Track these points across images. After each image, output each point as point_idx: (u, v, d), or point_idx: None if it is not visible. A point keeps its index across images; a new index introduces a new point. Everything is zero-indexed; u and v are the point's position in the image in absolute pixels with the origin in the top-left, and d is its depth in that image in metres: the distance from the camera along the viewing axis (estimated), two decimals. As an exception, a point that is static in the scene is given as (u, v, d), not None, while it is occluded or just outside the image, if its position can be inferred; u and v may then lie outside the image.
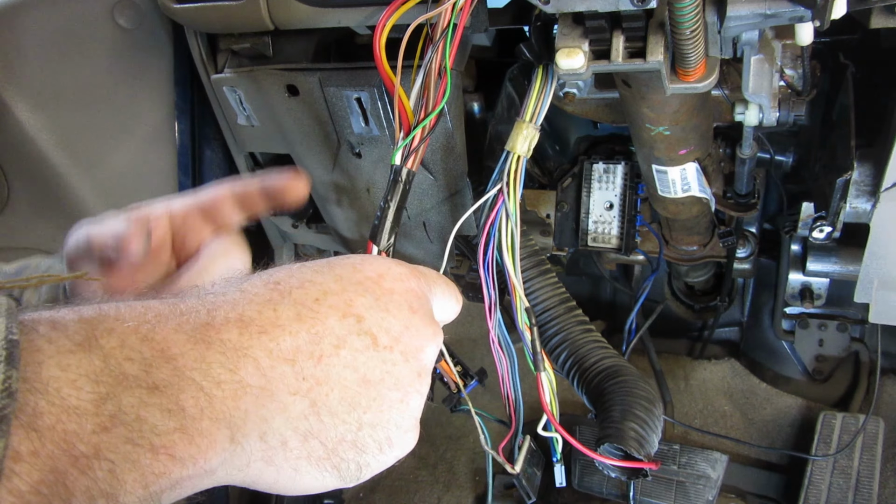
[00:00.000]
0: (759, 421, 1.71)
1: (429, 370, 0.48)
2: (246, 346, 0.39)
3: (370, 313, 0.45)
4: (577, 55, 0.66)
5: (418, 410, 0.47)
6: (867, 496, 1.44)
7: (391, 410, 0.45)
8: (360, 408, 0.43)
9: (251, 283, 0.43)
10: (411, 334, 0.46)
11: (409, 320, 0.47)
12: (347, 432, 0.43)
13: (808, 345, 1.68)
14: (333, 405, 0.42)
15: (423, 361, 0.47)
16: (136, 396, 0.34)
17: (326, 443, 0.42)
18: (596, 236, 1.41)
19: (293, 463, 0.41)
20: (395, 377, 0.45)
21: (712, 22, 0.63)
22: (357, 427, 0.43)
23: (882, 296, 1.01)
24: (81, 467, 0.31)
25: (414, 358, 0.46)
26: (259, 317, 0.40)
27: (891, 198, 0.93)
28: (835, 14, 0.59)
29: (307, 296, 0.43)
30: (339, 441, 0.43)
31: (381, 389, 0.44)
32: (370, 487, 1.86)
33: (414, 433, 0.48)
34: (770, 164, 1.34)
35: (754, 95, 0.80)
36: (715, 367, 1.83)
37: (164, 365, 0.35)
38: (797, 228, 1.14)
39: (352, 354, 0.43)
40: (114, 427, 0.33)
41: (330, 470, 0.43)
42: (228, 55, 1.16)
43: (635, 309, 1.51)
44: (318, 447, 0.42)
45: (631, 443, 0.85)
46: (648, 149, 1.01)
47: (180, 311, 0.39)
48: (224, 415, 0.37)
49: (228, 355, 0.38)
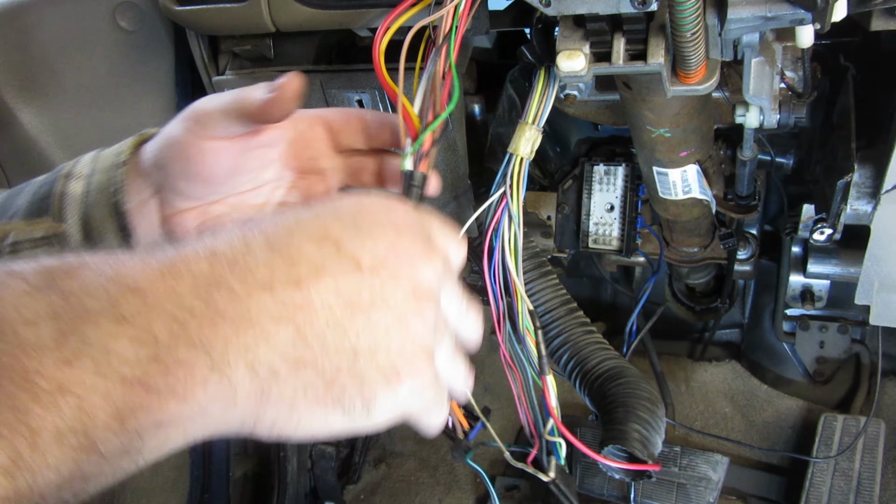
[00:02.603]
0: (760, 423, 1.71)
1: (430, 292, 0.44)
2: (218, 276, 0.37)
3: (350, 238, 0.41)
4: (577, 57, 0.66)
5: (424, 337, 0.43)
6: (868, 498, 1.44)
7: (389, 336, 0.41)
8: (351, 333, 0.40)
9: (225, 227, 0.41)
10: (400, 254, 0.43)
11: (395, 241, 0.43)
12: (343, 360, 0.40)
13: (808, 347, 1.68)
14: (321, 330, 0.39)
15: (418, 282, 0.43)
16: (101, 328, 0.32)
17: (322, 372, 0.39)
18: (597, 238, 1.41)
19: (289, 398, 0.39)
20: (385, 300, 0.41)
21: (713, 24, 0.63)
22: (353, 354, 0.40)
23: (883, 298, 1.01)
24: (45, 404, 0.30)
25: (406, 279, 0.42)
26: (230, 249, 0.38)
27: (891, 200, 0.93)
28: (835, 17, 0.60)
29: (279, 228, 0.41)
30: (337, 370, 0.40)
31: (372, 314, 0.41)
32: (371, 489, 1.86)
33: (424, 362, 0.43)
34: (771, 166, 1.34)
35: (755, 97, 0.80)
36: (716, 369, 1.83)
37: (132, 298, 0.34)
38: (798, 230, 1.14)
39: (333, 279, 0.40)
40: (78, 361, 0.31)
41: (332, 405, 0.40)
42: (230, 57, 1.16)
43: (636, 311, 1.51)
44: (314, 377, 0.39)
45: (634, 444, 0.85)
46: (649, 151, 1.01)
47: (147, 252, 0.37)
48: (201, 342, 0.35)
49: (200, 285, 0.36)
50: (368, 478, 1.88)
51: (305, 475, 1.73)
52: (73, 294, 0.33)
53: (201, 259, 0.37)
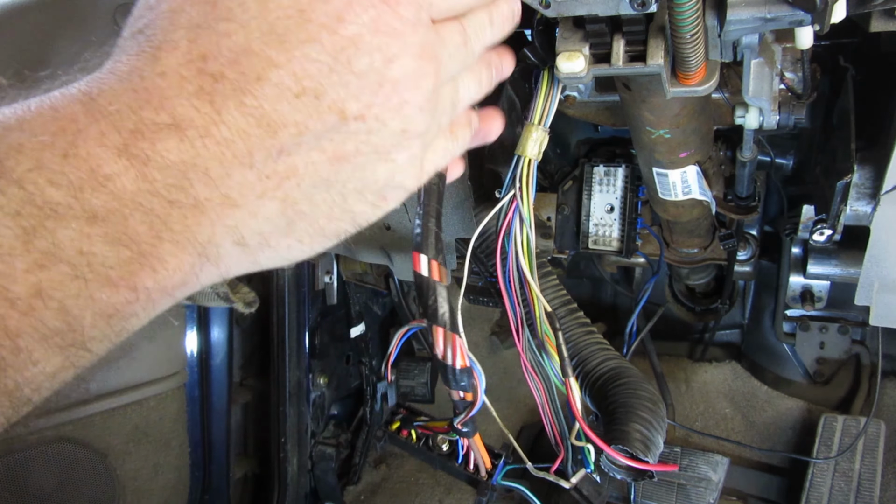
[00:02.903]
0: (760, 423, 1.71)
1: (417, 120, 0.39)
2: (190, 158, 0.32)
3: (330, 83, 0.35)
4: (577, 59, 0.66)
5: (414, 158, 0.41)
6: (868, 499, 1.44)
7: (374, 173, 0.39)
8: (338, 184, 0.38)
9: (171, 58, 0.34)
10: (387, 91, 0.37)
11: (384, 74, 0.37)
12: (333, 207, 0.39)
13: (808, 347, 1.68)
14: (307, 191, 0.37)
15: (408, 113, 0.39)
16: (72, 230, 0.30)
17: (314, 223, 0.39)
18: (597, 239, 1.41)
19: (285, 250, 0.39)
20: (372, 146, 0.38)
21: (712, 26, 0.63)
22: (342, 199, 0.39)
23: (882, 298, 1.01)
24: (21, 309, 0.29)
25: (395, 116, 0.38)
26: (197, 115, 0.33)
27: (891, 201, 0.93)
28: (834, 18, 0.60)
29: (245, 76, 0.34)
30: (328, 217, 0.39)
31: (360, 159, 0.38)
32: (371, 490, 1.86)
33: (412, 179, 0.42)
34: (770, 167, 1.34)
35: (754, 98, 0.80)
36: (716, 370, 1.83)
37: (99, 189, 0.30)
38: (798, 231, 1.14)
39: (316, 139, 0.36)
40: (52, 264, 0.29)
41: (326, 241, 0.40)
42: (230, 58, 1.16)
43: (636, 311, 1.51)
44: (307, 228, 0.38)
45: (636, 444, 0.85)
46: (649, 152, 1.01)
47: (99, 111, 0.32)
48: (186, 236, 0.33)
49: (173, 171, 0.32)
50: (368, 479, 1.88)
51: (305, 476, 1.73)
52: (28, 182, 0.29)
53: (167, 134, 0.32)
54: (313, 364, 1.70)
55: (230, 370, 1.62)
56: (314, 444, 1.74)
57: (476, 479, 0.77)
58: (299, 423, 1.68)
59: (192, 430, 1.56)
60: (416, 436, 0.88)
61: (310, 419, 1.70)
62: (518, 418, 1.77)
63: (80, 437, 1.36)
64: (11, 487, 1.27)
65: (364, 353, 1.85)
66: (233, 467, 1.65)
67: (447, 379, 0.60)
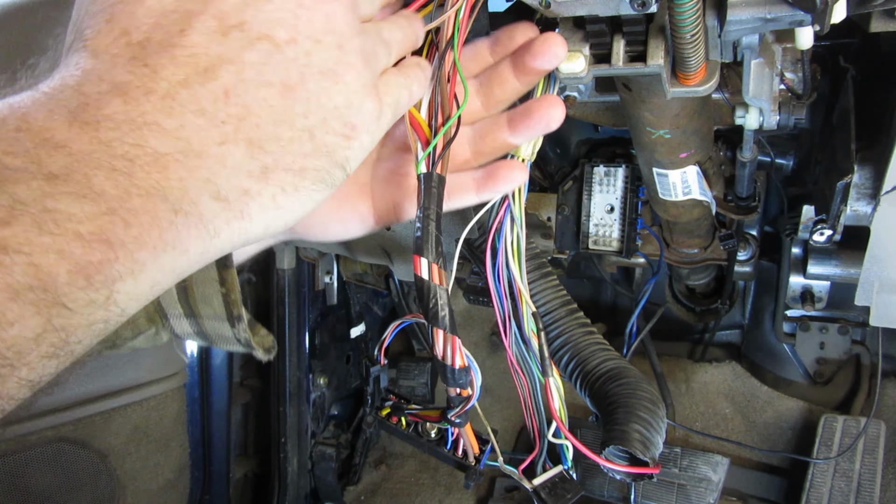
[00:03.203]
0: (761, 424, 1.71)
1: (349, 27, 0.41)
2: (138, 115, 0.33)
3: (251, 13, 0.37)
4: (577, 59, 0.66)
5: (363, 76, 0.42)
6: (868, 499, 1.44)
7: (330, 99, 0.40)
8: (299, 118, 0.38)
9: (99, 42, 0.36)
10: (309, 10, 0.39)
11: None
12: (303, 145, 0.39)
13: (809, 348, 1.68)
14: (270, 130, 0.37)
15: (336, 31, 0.40)
16: (33, 188, 0.30)
17: (291, 166, 0.38)
18: (597, 239, 1.41)
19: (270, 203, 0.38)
20: (316, 68, 0.39)
21: (713, 26, 0.63)
22: (309, 136, 0.39)
23: (883, 299, 1.01)
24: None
25: (326, 34, 0.39)
26: (134, 77, 0.34)
27: (891, 201, 0.93)
28: (835, 18, 0.60)
29: (169, 33, 0.35)
30: (304, 157, 0.39)
31: (308, 86, 0.39)
32: (371, 490, 1.86)
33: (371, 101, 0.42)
34: (771, 167, 1.34)
35: (755, 99, 0.80)
36: (716, 370, 1.83)
37: (56, 153, 0.31)
38: (798, 231, 1.14)
39: (256, 70, 0.37)
40: (15, 221, 0.30)
41: (312, 184, 0.40)
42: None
43: (636, 312, 1.51)
44: (285, 175, 0.38)
45: (636, 444, 0.85)
46: (649, 152, 1.01)
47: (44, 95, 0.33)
48: (155, 189, 0.33)
49: (124, 130, 0.33)
50: (369, 479, 1.88)
51: (306, 476, 1.73)
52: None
53: (110, 98, 0.33)
54: (313, 364, 1.70)
55: (230, 370, 1.62)
56: (314, 444, 1.74)
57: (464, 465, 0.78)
58: (299, 424, 1.68)
59: (192, 431, 1.56)
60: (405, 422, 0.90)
61: (310, 419, 1.70)
62: (518, 418, 1.77)
63: (80, 437, 1.36)
64: (11, 487, 1.27)
65: (364, 353, 1.85)
66: (233, 467, 1.65)
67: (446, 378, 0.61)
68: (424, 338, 1.76)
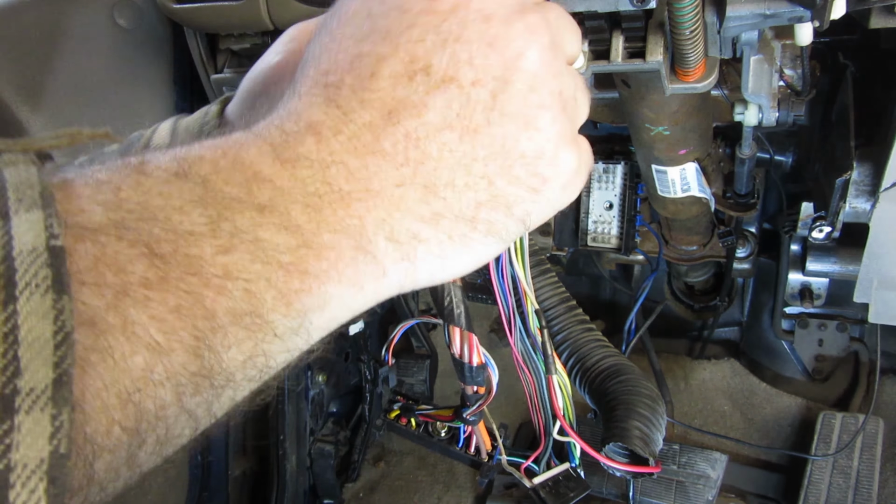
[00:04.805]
0: (759, 421, 1.71)
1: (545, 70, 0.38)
2: (328, 153, 0.35)
3: (437, 56, 0.36)
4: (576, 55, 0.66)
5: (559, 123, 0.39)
6: (867, 495, 1.44)
7: (518, 145, 0.38)
8: (478, 162, 0.37)
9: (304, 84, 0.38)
10: (499, 49, 0.37)
11: (487, 33, 0.37)
12: (480, 193, 0.37)
13: (807, 344, 1.68)
14: (447, 176, 0.37)
15: (529, 68, 0.38)
16: (247, 218, 0.33)
17: (462, 215, 0.37)
18: (595, 236, 1.41)
19: (437, 252, 0.38)
20: (501, 110, 0.37)
21: (712, 22, 0.63)
22: (487, 184, 0.37)
23: (881, 295, 1.01)
24: (216, 288, 0.31)
25: (515, 73, 0.37)
26: (327, 117, 0.36)
27: (890, 198, 0.93)
28: (834, 14, 0.60)
29: (361, 76, 0.37)
30: (477, 206, 0.38)
31: (493, 130, 0.37)
32: (370, 487, 1.86)
33: (567, 152, 0.40)
34: (770, 164, 1.34)
35: (754, 95, 0.80)
36: (714, 367, 1.83)
37: (264, 186, 0.34)
38: (797, 228, 1.14)
39: (438, 114, 0.36)
40: (235, 249, 0.32)
41: (484, 239, 0.39)
42: (228, 55, 1.16)
43: (635, 309, 1.51)
44: (455, 224, 0.37)
45: (636, 442, 0.85)
46: (648, 149, 1.01)
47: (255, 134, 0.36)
48: (340, 225, 0.35)
49: (316, 168, 0.35)
50: (367, 476, 1.88)
51: (304, 473, 1.73)
52: (209, 181, 0.33)
53: (305, 136, 0.36)
54: (312, 362, 1.70)
55: (229, 368, 1.62)
56: (313, 441, 1.74)
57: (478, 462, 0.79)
58: (298, 421, 1.68)
59: (190, 428, 1.56)
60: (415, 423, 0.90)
61: (308, 417, 1.70)
62: (517, 415, 1.77)
63: (79, 434, 1.35)
64: (10, 485, 1.26)
65: (363, 350, 1.85)
66: (231, 465, 1.65)
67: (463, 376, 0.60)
68: (424, 336, 1.76)
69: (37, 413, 0.25)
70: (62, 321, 0.27)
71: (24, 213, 0.28)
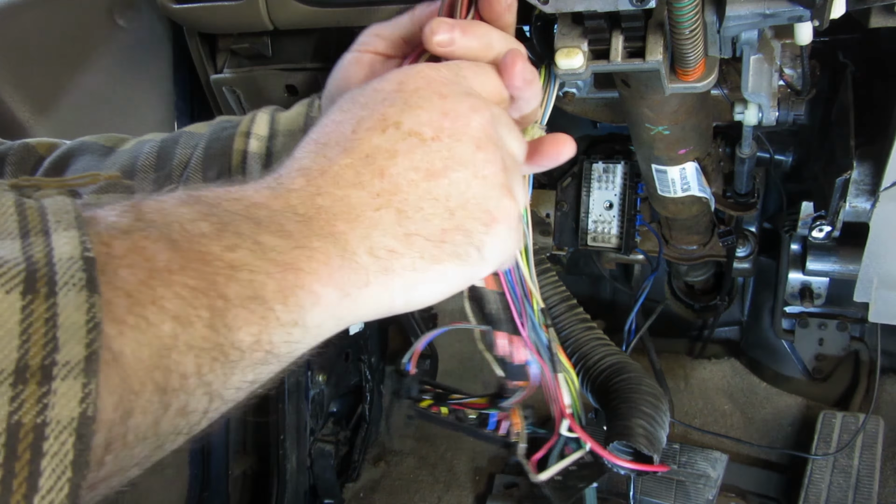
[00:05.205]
0: (759, 420, 1.71)
1: (487, 137, 0.50)
2: (315, 188, 0.45)
3: (405, 117, 0.48)
4: (576, 55, 0.66)
5: (500, 176, 0.50)
6: (867, 495, 1.44)
7: (470, 188, 0.48)
8: (441, 199, 0.47)
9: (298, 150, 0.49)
10: (451, 117, 0.49)
11: (442, 106, 0.49)
12: (444, 221, 0.47)
13: (807, 344, 1.68)
14: (416, 204, 0.46)
15: (474, 133, 0.49)
16: (248, 227, 0.40)
17: (431, 237, 0.46)
18: (595, 236, 1.41)
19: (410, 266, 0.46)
20: (455, 159, 0.48)
21: (711, 21, 0.63)
22: (449, 214, 0.47)
23: (881, 295, 1.01)
24: (225, 276, 0.38)
25: (464, 135, 0.49)
26: (314, 164, 0.46)
27: (890, 197, 0.93)
28: (834, 14, 0.60)
29: (343, 134, 0.48)
30: (442, 231, 0.47)
31: (450, 175, 0.48)
32: (370, 487, 1.86)
33: (508, 200, 0.50)
34: (770, 164, 1.34)
35: (753, 95, 0.80)
36: (715, 367, 1.83)
37: (261, 208, 0.42)
38: (797, 228, 1.14)
39: (407, 158, 0.47)
40: (239, 248, 0.39)
41: (449, 259, 0.47)
42: (228, 55, 1.16)
43: (635, 308, 1.51)
44: (425, 243, 0.46)
45: (640, 440, 0.85)
46: (648, 148, 1.01)
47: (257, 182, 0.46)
48: (327, 234, 0.43)
49: (304, 197, 0.44)
50: (368, 476, 1.88)
51: (305, 473, 1.73)
52: (215, 205, 0.41)
53: (296, 176, 0.45)
54: (312, 361, 1.70)
55: (229, 368, 1.62)
56: (313, 441, 1.74)
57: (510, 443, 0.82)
58: (298, 421, 1.68)
59: (190, 428, 1.56)
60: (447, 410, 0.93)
61: (309, 416, 1.70)
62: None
63: (79, 434, 1.35)
64: (10, 485, 1.26)
65: (363, 350, 1.85)
66: (232, 465, 1.65)
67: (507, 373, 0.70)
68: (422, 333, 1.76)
69: (70, 381, 0.30)
70: (93, 312, 0.32)
71: (62, 231, 0.34)
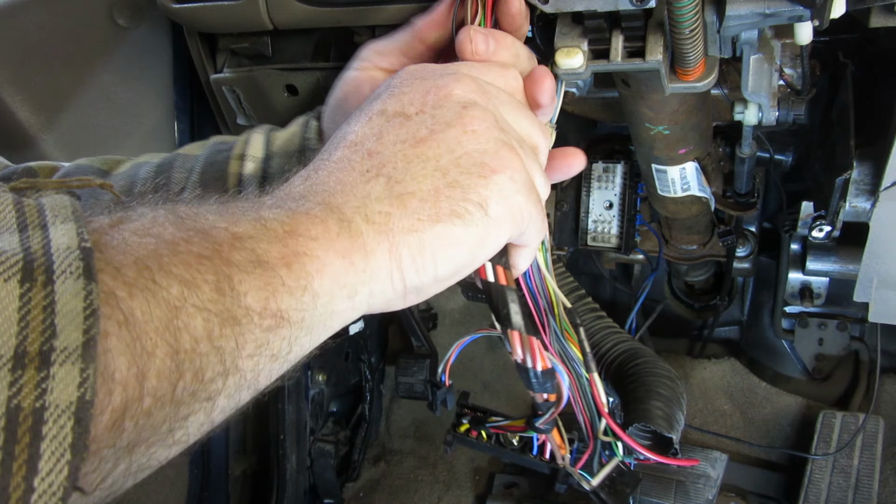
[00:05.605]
0: (759, 420, 1.71)
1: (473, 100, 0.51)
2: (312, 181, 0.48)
3: (389, 104, 0.51)
4: (576, 55, 0.66)
5: (493, 131, 0.50)
6: (867, 495, 1.44)
7: (461, 145, 0.49)
8: (430, 159, 0.48)
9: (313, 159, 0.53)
10: (433, 91, 0.51)
11: (422, 85, 0.52)
12: (436, 180, 0.48)
13: (807, 344, 1.68)
14: (404, 169, 0.48)
15: (459, 98, 0.51)
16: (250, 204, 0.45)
17: (425, 197, 0.47)
18: (595, 235, 1.41)
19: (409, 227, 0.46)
20: (441, 122, 0.49)
21: (711, 21, 0.63)
22: (441, 174, 0.48)
23: (881, 295, 1.01)
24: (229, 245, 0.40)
25: (447, 100, 0.51)
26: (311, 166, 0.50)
27: (890, 197, 0.93)
28: (834, 13, 0.60)
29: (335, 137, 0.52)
30: (435, 190, 0.47)
31: (438, 136, 0.49)
32: (370, 487, 1.86)
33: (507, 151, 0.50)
34: (770, 163, 1.34)
35: (754, 94, 0.80)
36: (715, 367, 1.83)
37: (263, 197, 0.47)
38: (797, 227, 1.14)
39: (394, 134, 0.49)
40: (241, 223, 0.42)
41: (450, 218, 0.47)
42: (227, 55, 1.16)
43: (635, 308, 1.51)
44: (420, 203, 0.47)
45: (659, 422, 0.85)
46: (648, 148, 1.01)
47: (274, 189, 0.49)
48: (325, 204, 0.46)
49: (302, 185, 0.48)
50: (368, 475, 1.88)
51: (305, 473, 1.73)
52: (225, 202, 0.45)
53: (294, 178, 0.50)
54: (312, 361, 1.70)
55: (229, 367, 1.61)
56: (313, 440, 1.74)
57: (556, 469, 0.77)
58: (298, 420, 1.68)
59: (190, 428, 1.56)
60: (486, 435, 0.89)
61: (309, 416, 1.70)
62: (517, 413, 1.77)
63: (79, 434, 1.35)
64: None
65: (363, 350, 1.85)
66: (231, 464, 1.65)
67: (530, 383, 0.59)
68: (424, 336, 1.76)
69: (68, 366, 0.30)
70: (91, 300, 0.32)
71: (59, 224, 0.35)
